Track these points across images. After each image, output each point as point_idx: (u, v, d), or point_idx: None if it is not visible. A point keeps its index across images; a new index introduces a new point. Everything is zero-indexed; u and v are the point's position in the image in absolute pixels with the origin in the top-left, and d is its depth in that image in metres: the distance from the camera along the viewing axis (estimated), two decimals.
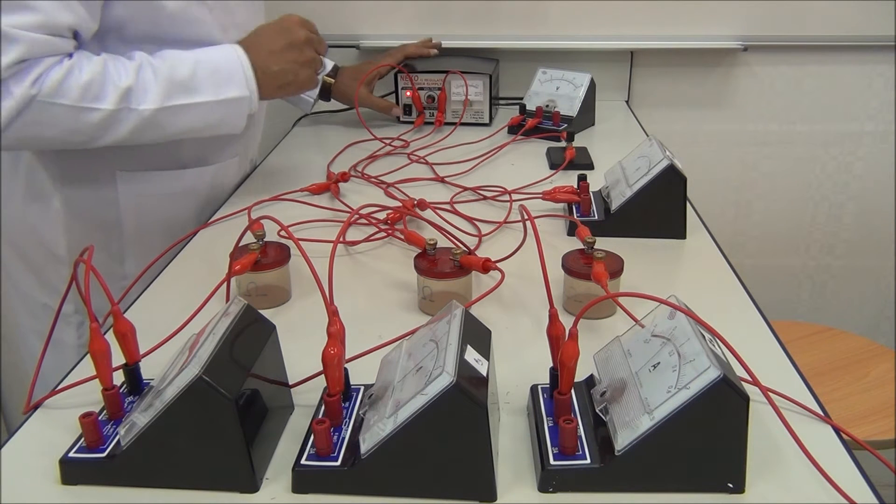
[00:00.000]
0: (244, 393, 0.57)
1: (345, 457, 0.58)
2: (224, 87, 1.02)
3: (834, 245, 1.85)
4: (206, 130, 1.04)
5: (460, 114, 1.49)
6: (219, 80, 1.01)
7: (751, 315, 0.82)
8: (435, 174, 1.24)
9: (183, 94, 0.99)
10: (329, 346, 0.59)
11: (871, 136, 1.75)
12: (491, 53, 1.64)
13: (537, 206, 1.08)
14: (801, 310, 1.91)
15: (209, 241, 1.03)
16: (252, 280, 0.84)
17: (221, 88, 1.02)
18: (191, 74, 1.00)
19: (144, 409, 0.57)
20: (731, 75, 1.71)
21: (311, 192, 1.15)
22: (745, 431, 0.55)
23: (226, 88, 1.02)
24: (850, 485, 0.57)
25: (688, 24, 1.64)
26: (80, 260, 0.62)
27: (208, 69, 1.01)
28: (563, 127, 1.41)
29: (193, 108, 1.00)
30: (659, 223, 0.99)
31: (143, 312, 0.85)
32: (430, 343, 0.60)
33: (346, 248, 0.99)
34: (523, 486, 0.58)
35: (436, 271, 0.81)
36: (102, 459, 0.59)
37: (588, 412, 0.62)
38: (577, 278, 0.81)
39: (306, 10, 1.62)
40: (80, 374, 0.71)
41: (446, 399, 0.53)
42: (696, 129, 1.76)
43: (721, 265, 0.94)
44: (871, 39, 1.64)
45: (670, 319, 0.60)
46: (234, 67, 1.03)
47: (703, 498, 0.57)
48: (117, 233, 1.11)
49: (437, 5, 1.64)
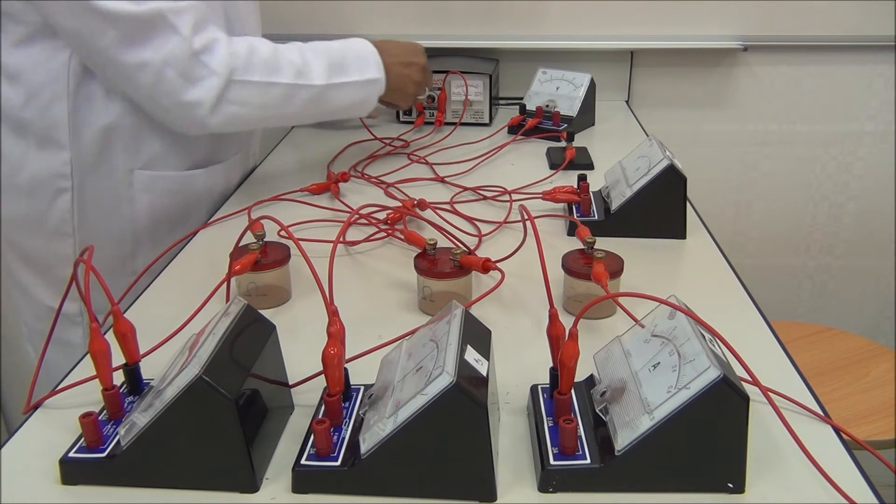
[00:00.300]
0: (244, 393, 0.57)
1: (345, 457, 0.58)
2: (366, 69, 1.12)
3: (834, 245, 1.85)
4: (351, 110, 1.14)
5: (460, 114, 1.49)
6: (361, 63, 1.11)
7: (751, 315, 0.82)
8: (435, 174, 1.24)
9: (339, 73, 1.08)
10: (329, 346, 0.59)
11: (871, 136, 1.75)
12: (491, 53, 1.64)
13: (537, 206, 1.08)
14: (801, 310, 1.91)
15: (209, 241, 1.03)
16: (252, 280, 0.84)
17: (364, 70, 1.11)
18: (341, 56, 1.09)
19: (144, 409, 0.57)
20: (731, 75, 1.71)
21: (311, 192, 1.15)
22: (745, 431, 0.55)
23: (367, 70, 1.12)
24: (850, 485, 0.57)
25: (688, 24, 1.64)
26: (80, 260, 0.62)
27: (353, 53, 1.11)
28: (563, 127, 1.41)
29: (347, 86, 1.10)
30: (659, 223, 0.99)
31: (143, 312, 0.85)
32: (430, 343, 0.60)
33: (346, 248, 0.99)
34: (523, 486, 0.58)
35: (436, 271, 0.81)
36: (102, 459, 0.59)
37: (588, 412, 0.62)
38: (577, 278, 0.81)
39: (306, 9, 1.63)
40: (80, 374, 0.71)
41: (446, 399, 0.53)
42: (696, 129, 1.76)
43: (721, 265, 0.94)
44: (871, 39, 1.64)
45: (670, 319, 0.60)
46: (369, 53, 1.13)
47: (703, 498, 0.57)
48: (130, 231, 1.10)
49: (437, 5, 1.64)
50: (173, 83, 0.95)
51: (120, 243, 1.10)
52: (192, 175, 1.12)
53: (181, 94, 0.96)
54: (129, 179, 1.07)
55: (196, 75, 0.96)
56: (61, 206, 1.06)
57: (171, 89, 0.96)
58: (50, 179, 1.04)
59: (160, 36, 0.93)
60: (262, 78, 1.00)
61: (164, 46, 0.94)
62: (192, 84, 0.96)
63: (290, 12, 1.62)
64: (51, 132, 1.02)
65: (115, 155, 1.05)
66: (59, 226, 1.07)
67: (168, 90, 0.96)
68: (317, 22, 1.64)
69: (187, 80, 0.96)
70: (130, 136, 1.05)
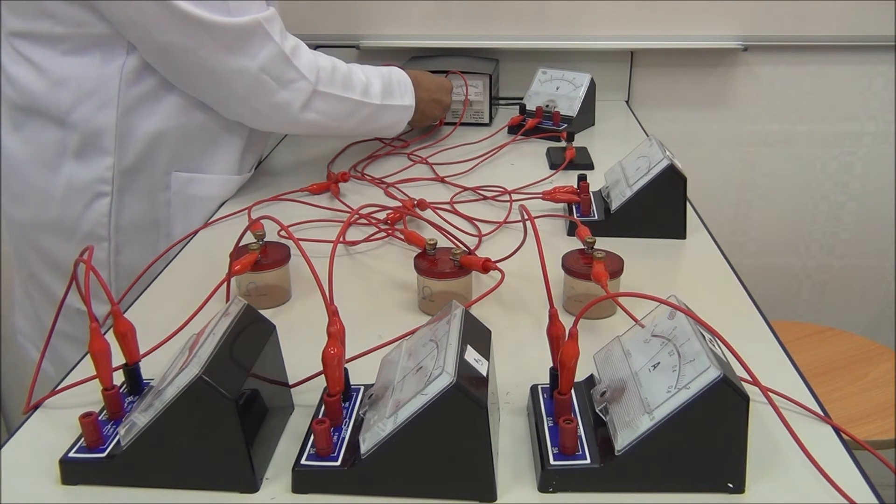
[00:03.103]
0: (244, 393, 0.57)
1: (345, 457, 0.58)
2: (404, 95, 1.22)
3: (834, 245, 1.85)
4: (385, 130, 1.24)
5: (460, 114, 1.49)
6: (402, 89, 1.22)
7: (751, 315, 0.82)
8: (435, 174, 1.24)
9: (388, 96, 1.18)
10: (329, 346, 0.59)
11: (871, 136, 1.75)
12: (491, 53, 1.64)
13: (537, 206, 1.08)
14: (801, 310, 1.91)
15: (209, 241, 1.03)
16: (252, 280, 0.84)
17: (405, 96, 1.22)
18: (389, 80, 1.19)
19: (144, 409, 0.57)
20: (731, 75, 1.71)
21: (311, 192, 1.15)
22: (745, 431, 0.55)
23: (404, 96, 1.22)
24: (850, 485, 0.57)
25: (688, 24, 1.64)
26: (80, 260, 0.62)
27: (395, 79, 1.21)
28: (563, 127, 1.41)
29: (393, 108, 1.19)
30: (659, 223, 0.99)
31: (143, 312, 0.85)
32: (430, 343, 0.60)
33: (346, 248, 0.99)
34: (523, 486, 0.58)
35: (436, 271, 0.81)
36: (102, 459, 0.59)
37: (588, 412, 0.62)
38: (577, 278, 0.81)
39: (306, 9, 1.63)
40: (80, 374, 0.71)
41: (446, 399, 0.53)
42: (696, 129, 1.76)
43: (721, 265, 0.94)
44: (870, 39, 1.64)
45: (670, 319, 0.60)
46: (407, 82, 1.24)
47: (703, 498, 0.57)
48: (165, 233, 1.10)
49: (437, 5, 1.64)
50: (268, 86, 1.02)
51: (153, 246, 1.10)
52: (228, 181, 1.13)
53: (274, 95, 1.03)
54: (167, 181, 1.08)
55: (288, 78, 1.03)
56: (98, 210, 1.05)
57: (266, 91, 1.03)
58: (90, 185, 1.04)
59: (257, 44, 1.00)
60: (339, 92, 1.09)
61: (261, 53, 1.00)
62: (284, 87, 1.04)
63: (291, 14, 1.61)
64: (96, 138, 1.02)
65: (157, 159, 1.06)
66: (94, 229, 1.06)
67: (263, 93, 1.03)
68: (317, 22, 1.65)
69: (280, 83, 1.03)
70: (175, 140, 1.06)
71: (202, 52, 0.98)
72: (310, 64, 1.05)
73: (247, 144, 1.14)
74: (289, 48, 1.03)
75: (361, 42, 1.67)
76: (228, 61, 0.99)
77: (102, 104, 1.01)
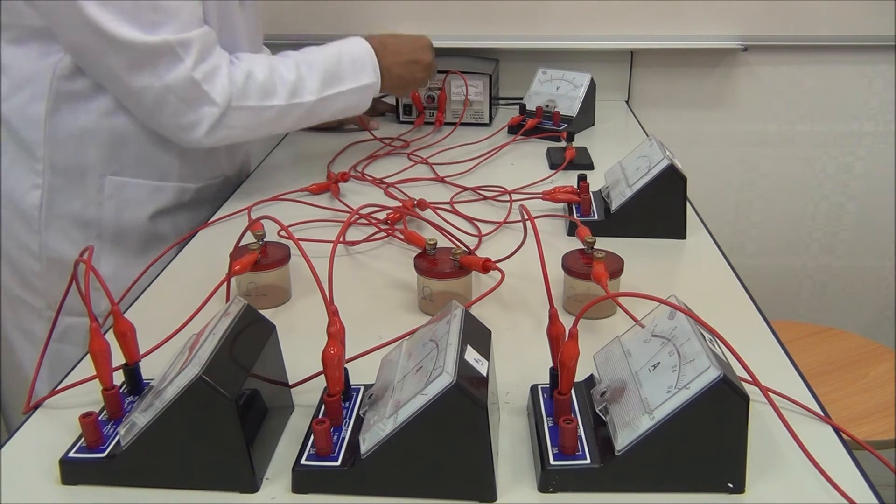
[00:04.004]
0: (244, 393, 0.57)
1: (345, 457, 0.58)
2: (360, 75, 1.16)
3: (834, 245, 1.85)
4: (344, 112, 1.18)
5: (460, 114, 1.49)
6: (356, 68, 1.16)
7: (751, 315, 0.82)
8: (435, 174, 1.24)
9: (334, 84, 1.13)
10: (329, 346, 0.59)
11: (871, 136, 1.75)
12: (491, 53, 1.64)
13: (537, 206, 1.08)
14: (801, 310, 1.91)
15: (209, 241, 1.03)
16: (252, 280, 0.84)
17: (359, 76, 1.16)
18: (336, 65, 1.13)
19: (144, 409, 0.57)
20: (731, 75, 1.71)
21: (311, 192, 1.15)
22: (745, 431, 0.55)
23: (362, 75, 1.16)
24: (850, 485, 0.57)
25: (688, 24, 1.64)
26: (80, 260, 0.62)
27: (348, 59, 1.15)
28: (563, 127, 1.41)
29: (341, 94, 1.14)
30: (659, 223, 0.99)
31: (143, 312, 0.85)
32: (430, 343, 0.60)
33: (346, 248, 0.99)
34: (523, 486, 0.58)
35: (436, 271, 0.81)
36: (102, 459, 0.59)
37: (588, 412, 0.62)
38: (577, 278, 0.81)
39: (306, 9, 1.63)
40: (80, 374, 0.71)
41: (446, 399, 0.53)
42: (696, 129, 1.76)
43: (721, 265, 0.94)
44: (871, 39, 1.64)
45: (670, 319, 0.60)
46: (365, 57, 1.17)
47: (703, 498, 0.57)
48: (96, 234, 1.09)
49: (437, 5, 1.64)
50: (174, 107, 1.00)
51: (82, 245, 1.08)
52: (162, 188, 1.11)
53: (180, 117, 1.01)
54: (100, 184, 1.07)
55: (196, 102, 1.00)
56: (30, 202, 1.05)
57: (171, 112, 1.00)
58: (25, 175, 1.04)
59: (165, 64, 0.97)
60: (256, 103, 1.05)
61: (168, 74, 0.97)
62: (191, 109, 1.01)
63: (289, 13, 1.62)
64: (27, 129, 1.02)
65: (88, 159, 1.05)
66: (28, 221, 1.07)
67: (168, 112, 1.00)
68: (317, 22, 1.64)
69: (187, 105, 1.00)
70: (107, 141, 1.05)
71: (109, 62, 0.97)
72: (223, 87, 1.01)
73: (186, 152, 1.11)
74: (202, 71, 0.99)
75: None
76: (134, 77, 0.98)
77: (34, 96, 1.01)
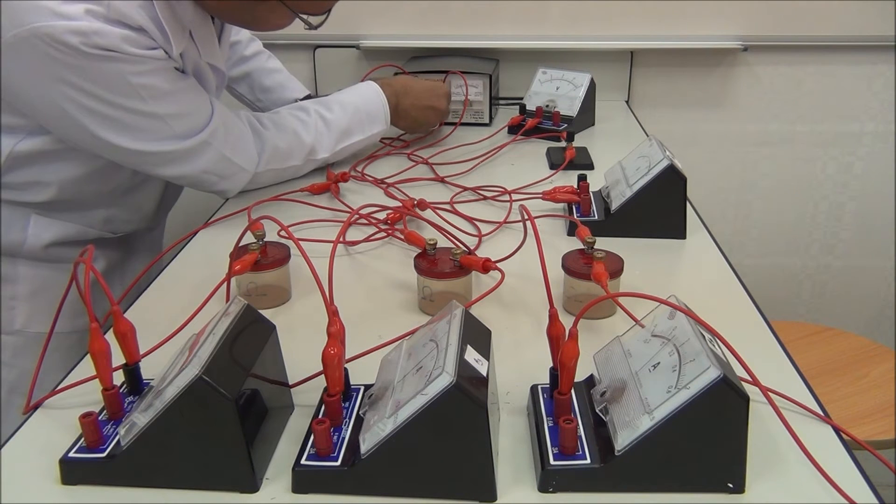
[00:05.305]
0: (244, 393, 0.57)
1: (345, 457, 0.58)
2: (371, 126, 1.26)
3: (834, 245, 1.85)
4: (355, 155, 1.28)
5: (460, 114, 1.49)
6: (370, 121, 1.26)
7: (751, 315, 0.82)
8: (435, 174, 1.24)
9: (345, 139, 1.23)
10: (329, 346, 0.59)
11: (871, 136, 1.75)
12: (491, 53, 1.64)
13: (537, 206, 1.08)
14: (801, 310, 1.91)
15: (209, 241, 1.03)
16: (252, 280, 0.84)
17: (371, 127, 1.26)
18: (350, 121, 1.23)
19: (144, 409, 0.57)
20: (731, 75, 1.71)
21: (311, 192, 1.15)
22: (745, 431, 0.55)
23: (371, 127, 1.26)
24: (850, 485, 0.57)
25: (688, 24, 1.64)
26: (80, 260, 0.62)
27: (362, 114, 1.25)
28: (563, 127, 1.41)
29: (353, 145, 1.25)
30: (659, 223, 0.99)
31: (143, 312, 0.85)
32: (430, 343, 0.60)
33: (346, 248, 0.99)
34: (523, 486, 0.58)
35: (436, 271, 0.81)
36: (102, 459, 0.59)
37: (588, 412, 0.62)
38: (577, 278, 0.81)
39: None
40: (80, 374, 0.71)
41: (446, 399, 0.53)
42: (696, 129, 1.76)
43: (721, 265, 0.94)
44: (871, 39, 1.64)
45: (670, 319, 0.60)
46: (378, 108, 1.27)
47: (703, 498, 0.57)
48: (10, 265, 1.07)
49: (437, 5, 1.64)
50: (209, 181, 1.09)
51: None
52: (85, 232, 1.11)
53: (214, 186, 1.10)
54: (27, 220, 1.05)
55: (229, 174, 1.10)
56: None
57: (208, 185, 1.10)
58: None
59: (200, 154, 1.05)
60: (279, 165, 1.16)
61: (203, 161, 1.05)
62: (224, 180, 1.10)
63: None
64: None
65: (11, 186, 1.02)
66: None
67: (205, 186, 1.10)
68: None
69: (221, 177, 1.09)
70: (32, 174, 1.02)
71: (146, 166, 1.04)
72: (251, 156, 1.11)
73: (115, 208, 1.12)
74: (230, 146, 1.07)
75: (361, 42, 1.67)
76: (170, 169, 1.05)
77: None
